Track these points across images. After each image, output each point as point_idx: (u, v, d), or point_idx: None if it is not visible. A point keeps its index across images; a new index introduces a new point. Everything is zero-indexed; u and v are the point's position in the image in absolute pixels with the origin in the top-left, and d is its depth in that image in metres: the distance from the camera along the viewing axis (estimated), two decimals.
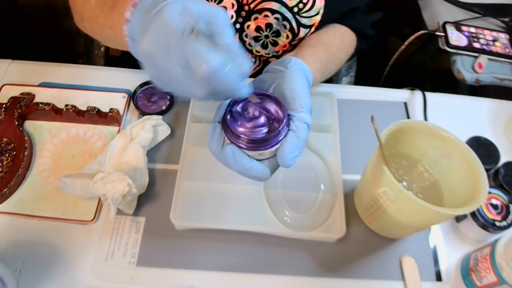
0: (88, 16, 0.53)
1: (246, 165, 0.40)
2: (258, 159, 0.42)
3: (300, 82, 0.44)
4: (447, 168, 0.51)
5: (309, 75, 0.48)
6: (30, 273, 0.53)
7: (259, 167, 0.41)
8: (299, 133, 0.40)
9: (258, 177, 0.42)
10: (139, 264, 0.53)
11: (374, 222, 0.55)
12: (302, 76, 0.45)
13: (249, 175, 0.41)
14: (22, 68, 0.71)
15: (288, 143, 0.40)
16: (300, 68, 0.46)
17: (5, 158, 0.59)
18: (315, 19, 0.60)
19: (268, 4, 0.59)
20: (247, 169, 0.40)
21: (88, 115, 0.62)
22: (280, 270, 0.54)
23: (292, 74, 0.44)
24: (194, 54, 0.33)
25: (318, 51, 0.56)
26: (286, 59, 0.47)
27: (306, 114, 0.41)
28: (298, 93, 0.42)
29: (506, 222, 0.54)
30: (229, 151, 0.40)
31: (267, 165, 0.42)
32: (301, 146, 0.40)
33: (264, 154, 0.41)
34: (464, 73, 0.86)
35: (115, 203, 0.52)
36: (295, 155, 0.40)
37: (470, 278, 0.53)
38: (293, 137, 0.40)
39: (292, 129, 0.40)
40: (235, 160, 0.40)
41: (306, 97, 0.42)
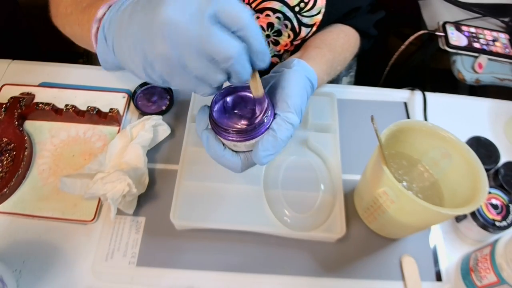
0: (62, 12, 0.53)
1: (218, 152, 0.42)
2: (233, 150, 0.43)
3: (294, 82, 0.43)
4: (447, 168, 0.51)
5: (313, 76, 0.47)
6: (30, 273, 0.53)
7: (231, 157, 0.42)
8: (278, 132, 0.40)
9: (229, 166, 0.43)
10: (139, 264, 0.53)
11: (374, 222, 0.55)
12: (301, 77, 0.45)
13: (221, 162, 0.42)
14: (22, 68, 0.71)
15: (263, 140, 0.40)
16: (302, 69, 0.46)
17: (5, 158, 0.59)
18: (317, 18, 0.60)
19: (270, 3, 0.59)
20: (219, 156, 0.42)
21: (88, 115, 0.62)
22: (280, 270, 0.54)
23: (289, 74, 0.44)
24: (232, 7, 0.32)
25: (324, 52, 0.56)
26: (290, 60, 0.47)
27: (292, 114, 0.41)
28: (288, 93, 0.42)
29: (506, 222, 0.54)
30: (204, 135, 0.42)
31: (241, 158, 0.43)
32: (278, 145, 0.40)
33: (239, 146, 0.41)
34: (464, 73, 0.86)
35: (115, 203, 0.52)
36: (269, 154, 0.40)
37: (470, 278, 0.53)
38: (270, 136, 0.40)
39: (272, 128, 0.40)
40: (209, 145, 0.42)
41: (296, 98, 0.42)
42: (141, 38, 0.34)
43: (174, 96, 0.67)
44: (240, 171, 0.43)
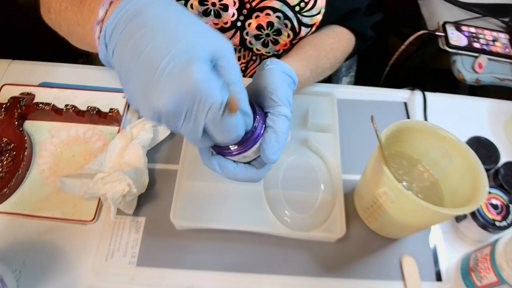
0: (56, 7, 0.48)
1: (231, 170, 0.41)
2: (245, 162, 0.43)
3: (273, 78, 0.43)
4: (447, 168, 0.51)
5: (289, 70, 0.47)
6: (30, 273, 0.53)
7: (245, 169, 0.42)
8: (276, 127, 0.40)
9: (248, 179, 0.42)
10: (139, 264, 0.53)
11: (374, 222, 0.55)
12: (278, 73, 0.45)
13: (239, 178, 0.42)
14: (22, 68, 0.71)
15: (266, 139, 0.40)
16: (276, 66, 0.46)
17: (5, 158, 0.59)
18: (316, 18, 0.60)
19: (270, 2, 0.59)
20: (233, 173, 0.41)
21: (88, 115, 0.62)
22: (280, 270, 0.54)
23: (266, 74, 0.44)
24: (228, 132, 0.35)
25: (305, 50, 0.56)
26: (264, 61, 0.47)
27: (282, 107, 0.41)
28: (270, 89, 0.42)
29: (506, 222, 0.54)
30: (214, 161, 0.41)
31: (254, 166, 0.43)
32: (281, 139, 0.40)
33: (248, 156, 0.42)
34: (464, 73, 0.86)
35: (115, 203, 0.52)
36: (276, 150, 0.40)
37: (470, 278, 0.53)
38: (270, 133, 0.40)
39: (268, 125, 0.41)
40: (222, 168, 0.41)
41: (280, 91, 0.42)
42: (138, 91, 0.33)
43: None
44: (260, 178, 0.43)
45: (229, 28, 0.62)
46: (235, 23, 0.62)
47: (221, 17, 0.60)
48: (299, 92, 0.67)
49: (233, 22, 0.61)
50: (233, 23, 0.62)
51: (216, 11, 0.59)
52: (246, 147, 0.40)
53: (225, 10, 0.59)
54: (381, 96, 0.71)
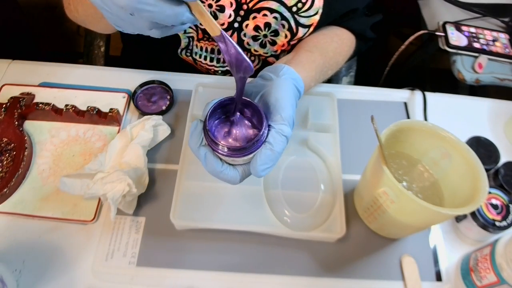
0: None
1: (216, 168, 0.42)
2: (230, 164, 0.43)
3: (286, 93, 0.44)
4: (447, 168, 0.51)
5: (300, 84, 0.48)
6: (30, 273, 0.53)
7: (230, 172, 0.42)
8: (275, 145, 0.41)
9: (227, 180, 0.43)
10: (139, 264, 0.53)
11: (374, 222, 0.55)
12: (291, 86, 0.45)
13: (219, 177, 0.43)
14: (22, 68, 0.71)
15: (261, 155, 0.40)
16: (290, 77, 0.46)
17: (5, 158, 0.59)
18: (314, 19, 0.60)
19: (267, 3, 0.59)
20: (217, 172, 0.42)
21: (88, 115, 0.62)
22: (280, 270, 0.54)
23: (280, 84, 0.45)
24: None
25: (315, 56, 0.56)
26: (279, 67, 0.48)
27: (286, 127, 0.42)
28: (282, 105, 0.43)
29: (506, 222, 0.54)
30: (202, 152, 0.41)
31: (239, 171, 0.43)
32: (275, 158, 0.41)
33: (237, 161, 0.42)
34: (464, 73, 0.86)
35: (115, 203, 0.52)
36: (267, 167, 0.41)
37: (470, 278, 0.53)
38: (267, 149, 0.41)
39: (268, 141, 0.41)
40: (207, 162, 0.42)
41: (289, 110, 0.43)
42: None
43: (174, 96, 0.67)
44: (238, 183, 0.44)
45: (226, 29, 0.62)
46: (232, 24, 0.62)
47: (218, 18, 0.60)
48: None
49: (230, 23, 0.61)
50: (230, 24, 0.62)
51: (212, 13, 0.59)
52: (241, 154, 0.41)
53: (222, 11, 0.59)
54: (381, 96, 0.71)
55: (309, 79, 0.53)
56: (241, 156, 0.41)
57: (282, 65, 0.48)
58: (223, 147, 0.40)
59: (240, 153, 0.40)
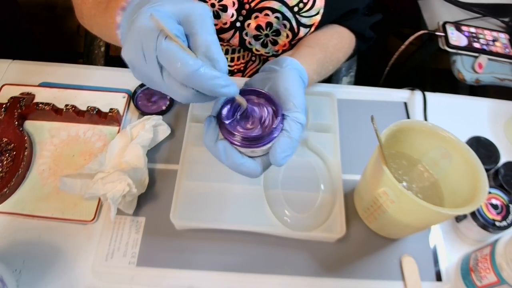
0: (86, 13, 0.54)
1: (237, 161, 0.41)
2: (250, 156, 0.42)
3: (294, 81, 0.44)
4: (447, 168, 0.51)
5: (304, 75, 0.48)
6: (30, 273, 0.53)
7: (251, 163, 0.42)
8: (292, 133, 0.41)
9: (248, 173, 0.42)
10: (139, 264, 0.53)
11: (374, 222, 0.55)
12: (297, 76, 0.45)
13: (240, 170, 0.42)
14: (22, 68, 0.71)
15: (280, 143, 0.40)
16: (295, 68, 0.46)
17: (5, 158, 0.59)
18: (315, 19, 0.60)
19: (269, 3, 0.59)
20: (237, 164, 0.41)
21: (88, 115, 0.62)
22: (280, 270, 0.54)
23: (287, 74, 0.44)
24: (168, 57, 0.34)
25: (315, 51, 0.56)
26: (282, 59, 0.48)
27: (300, 114, 0.42)
28: (292, 93, 0.42)
29: (506, 222, 0.54)
30: (220, 146, 0.41)
31: (259, 162, 0.42)
32: (294, 146, 0.41)
33: (256, 151, 0.42)
34: (464, 73, 0.86)
35: (115, 203, 0.52)
36: (286, 155, 0.40)
37: (470, 278, 0.53)
38: (286, 137, 0.40)
39: (285, 129, 0.41)
40: (227, 156, 0.41)
41: (300, 97, 0.43)
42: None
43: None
44: (259, 175, 0.43)
45: (228, 29, 0.62)
46: (234, 23, 0.62)
47: (220, 18, 0.60)
48: None
49: (232, 22, 0.61)
50: (232, 24, 0.62)
51: (215, 12, 0.59)
52: (260, 144, 0.40)
53: (224, 10, 0.59)
54: (381, 96, 0.71)
55: (312, 72, 0.53)
56: (260, 146, 0.40)
57: (285, 57, 0.48)
58: (241, 137, 0.40)
59: (259, 142, 0.40)
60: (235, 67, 0.71)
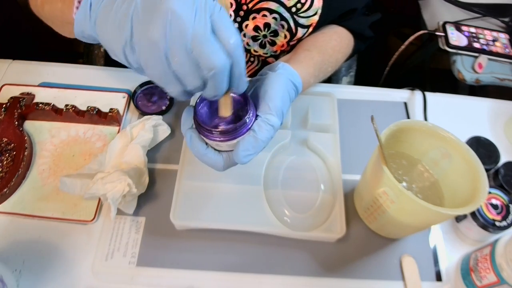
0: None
1: (200, 150, 0.43)
2: (216, 149, 0.44)
3: (277, 85, 0.44)
4: (447, 168, 0.51)
5: (297, 80, 0.48)
6: (30, 273, 0.53)
7: (213, 156, 0.43)
8: (259, 133, 0.41)
9: (211, 165, 0.44)
10: (139, 264, 0.53)
11: (374, 222, 0.55)
12: (284, 80, 0.46)
13: (203, 160, 0.44)
14: (22, 68, 0.71)
15: (244, 141, 0.41)
16: (286, 72, 0.47)
17: (5, 158, 0.59)
18: (313, 19, 0.60)
19: (267, 3, 0.59)
20: (201, 154, 0.43)
21: (88, 115, 0.62)
22: (280, 270, 0.54)
23: (273, 78, 0.45)
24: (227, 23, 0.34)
25: (313, 54, 0.56)
26: (276, 64, 0.48)
27: (273, 116, 0.42)
28: (270, 96, 0.43)
29: (506, 222, 0.54)
30: (188, 134, 0.43)
31: (222, 157, 0.44)
32: (258, 146, 0.41)
33: (221, 146, 0.43)
34: (464, 73, 0.86)
35: (115, 203, 0.52)
36: (248, 153, 0.41)
37: (470, 278, 0.53)
38: (250, 137, 0.41)
39: (253, 129, 0.42)
40: (192, 144, 0.43)
41: (278, 100, 0.43)
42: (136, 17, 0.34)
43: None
44: (222, 170, 0.45)
45: None
46: None
47: None
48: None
49: None
50: None
51: None
52: (224, 138, 0.41)
53: None
54: (381, 96, 0.71)
55: (308, 76, 0.53)
56: (224, 140, 0.41)
57: (279, 62, 0.49)
58: (208, 130, 0.41)
59: (224, 137, 0.41)
60: None
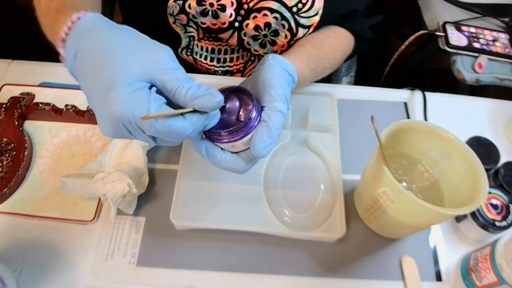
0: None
1: (218, 157, 0.42)
2: (232, 152, 0.43)
3: (272, 74, 0.44)
4: (447, 168, 0.51)
5: (290, 68, 0.48)
6: (30, 273, 0.53)
7: (231, 159, 0.42)
8: (271, 122, 0.41)
9: (232, 169, 0.43)
10: (139, 264, 0.53)
11: (374, 222, 0.55)
12: (278, 68, 0.45)
13: (223, 167, 0.43)
14: (22, 68, 0.71)
15: (258, 133, 0.41)
16: (277, 62, 0.46)
17: (5, 158, 0.59)
18: (314, 19, 0.60)
19: (268, 3, 0.59)
20: (219, 161, 0.42)
21: (88, 115, 0.62)
22: (280, 270, 0.54)
23: (266, 68, 0.45)
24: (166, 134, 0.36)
25: (306, 48, 0.57)
26: (265, 56, 0.48)
27: (279, 103, 0.42)
28: (269, 84, 0.43)
29: (506, 222, 0.54)
30: (202, 146, 0.42)
31: (242, 157, 0.43)
32: (273, 134, 0.41)
33: (237, 146, 0.42)
34: (464, 73, 0.86)
35: (115, 203, 0.52)
36: (266, 145, 0.41)
37: (470, 278, 0.53)
38: (263, 127, 0.41)
39: (263, 119, 0.41)
40: (208, 154, 0.42)
41: (278, 87, 0.43)
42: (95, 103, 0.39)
43: None
44: (245, 171, 0.44)
45: (227, 29, 0.62)
46: (233, 23, 0.62)
47: (219, 18, 0.60)
48: (298, 91, 0.67)
49: (230, 22, 0.61)
50: (230, 24, 0.62)
51: (214, 12, 0.59)
52: (237, 137, 0.41)
53: (223, 10, 0.59)
54: (381, 96, 0.71)
55: (303, 66, 0.53)
56: (238, 139, 0.41)
57: (268, 54, 0.48)
58: (219, 134, 0.41)
59: (236, 135, 0.40)
60: (234, 67, 0.71)
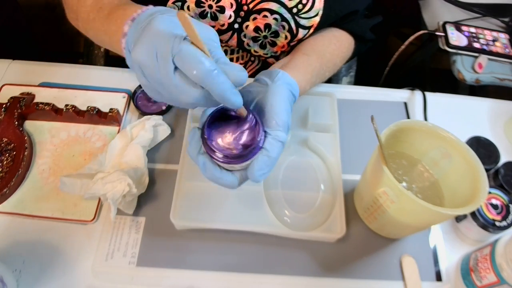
0: (84, 17, 0.54)
1: (216, 175, 0.43)
2: (228, 170, 0.44)
3: (281, 98, 0.45)
4: (447, 168, 0.51)
5: (295, 89, 0.48)
6: (30, 273, 0.53)
7: (228, 177, 0.43)
8: (271, 151, 0.42)
9: (226, 185, 0.44)
10: (139, 264, 0.53)
11: (374, 222, 0.55)
12: (286, 91, 0.46)
13: (218, 183, 0.44)
14: (22, 68, 0.71)
15: (258, 161, 0.42)
16: (285, 82, 0.47)
17: (5, 158, 0.59)
18: (314, 20, 0.60)
19: (267, 4, 0.59)
20: (217, 178, 0.43)
21: (88, 115, 0.62)
22: (280, 270, 0.54)
23: (275, 90, 0.45)
24: (188, 56, 0.35)
25: (311, 60, 0.56)
26: (274, 72, 0.48)
27: (281, 133, 0.43)
28: (276, 111, 0.43)
29: (506, 222, 0.54)
30: (200, 160, 0.43)
31: (236, 176, 0.44)
32: (271, 163, 0.42)
33: (235, 167, 0.43)
34: (464, 73, 0.86)
35: (115, 203, 0.52)
36: (263, 172, 0.42)
37: (470, 278, 0.53)
38: (264, 155, 0.42)
39: (265, 147, 0.42)
40: (206, 169, 0.43)
41: (284, 115, 0.43)
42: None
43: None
44: (236, 187, 0.45)
45: (226, 30, 0.62)
46: (232, 25, 0.62)
47: (218, 19, 0.60)
48: None
49: (230, 24, 0.61)
50: (230, 25, 0.61)
51: (212, 13, 0.59)
52: (239, 161, 0.41)
53: (222, 12, 0.59)
54: (381, 96, 0.71)
55: (305, 83, 0.53)
56: (239, 163, 0.42)
57: (277, 70, 0.48)
58: (221, 155, 0.41)
59: (238, 160, 0.41)
60: None
